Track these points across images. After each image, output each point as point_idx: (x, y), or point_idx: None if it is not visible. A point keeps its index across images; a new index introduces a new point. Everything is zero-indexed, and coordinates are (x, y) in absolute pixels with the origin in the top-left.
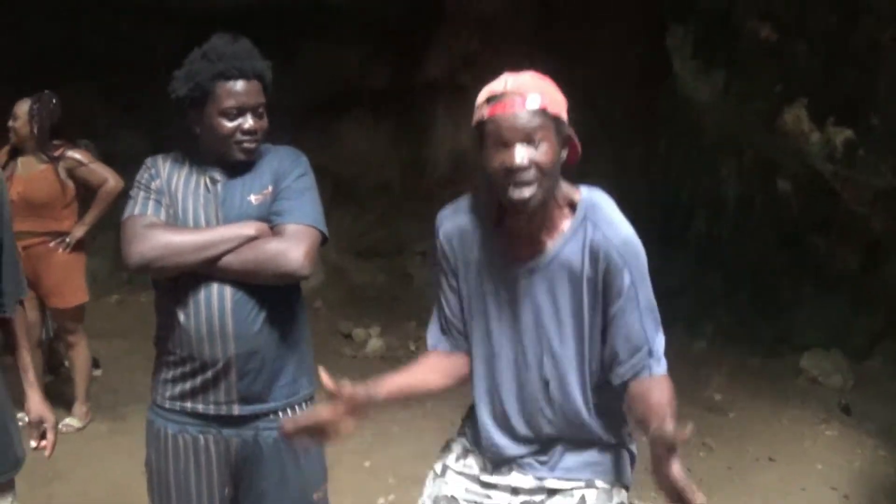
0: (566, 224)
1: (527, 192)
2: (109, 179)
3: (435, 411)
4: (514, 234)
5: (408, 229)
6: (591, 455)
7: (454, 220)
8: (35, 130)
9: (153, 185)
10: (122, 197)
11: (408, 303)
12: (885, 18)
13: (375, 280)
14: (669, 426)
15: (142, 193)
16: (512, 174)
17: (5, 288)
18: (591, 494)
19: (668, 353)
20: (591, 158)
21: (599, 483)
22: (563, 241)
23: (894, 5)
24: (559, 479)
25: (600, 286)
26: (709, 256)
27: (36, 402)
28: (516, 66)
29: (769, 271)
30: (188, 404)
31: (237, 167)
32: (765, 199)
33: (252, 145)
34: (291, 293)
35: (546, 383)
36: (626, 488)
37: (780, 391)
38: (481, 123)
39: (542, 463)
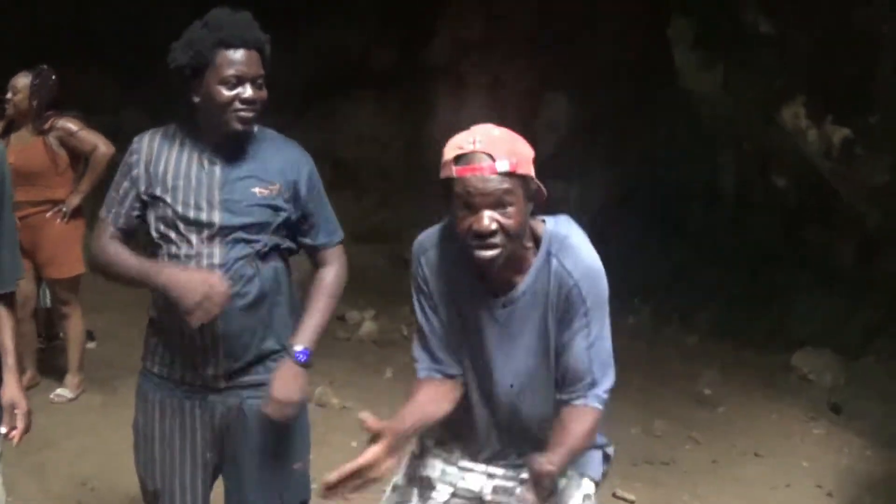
0: (532, 260)
1: (492, 253)
2: (100, 146)
3: None
4: (487, 273)
5: (407, 213)
6: None
7: (435, 252)
8: (34, 105)
9: (132, 174)
10: (115, 164)
11: (403, 287)
12: (886, 12)
13: (373, 263)
14: (544, 466)
15: (117, 190)
16: (479, 239)
17: (4, 264)
18: (561, 481)
19: (662, 344)
20: (591, 148)
21: (569, 472)
22: (532, 278)
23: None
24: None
25: (562, 315)
26: (705, 249)
27: (11, 388)
28: (518, 53)
29: (765, 265)
30: (177, 373)
31: (236, 146)
32: (762, 192)
33: (250, 114)
34: (280, 271)
35: (518, 410)
36: (595, 483)
37: (771, 387)
38: (449, 181)
39: (515, 464)
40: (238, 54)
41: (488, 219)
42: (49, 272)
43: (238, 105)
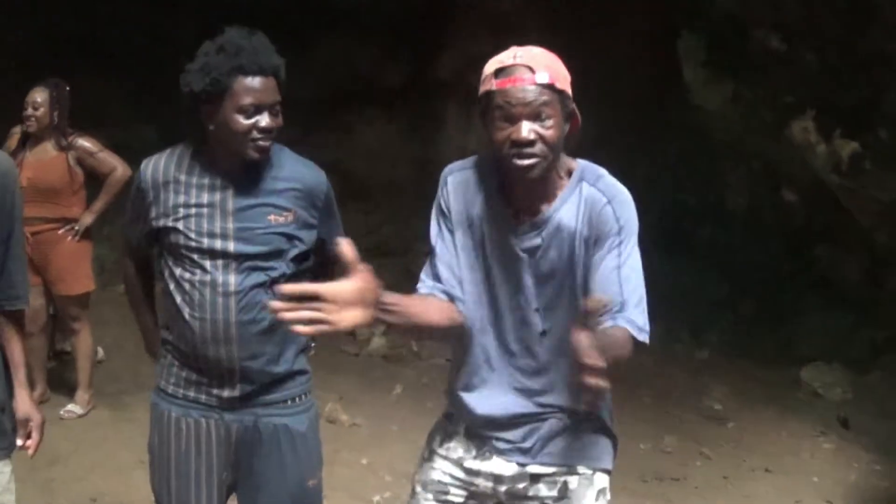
0: (563, 189)
1: (531, 161)
2: (118, 168)
3: (433, 411)
4: (515, 199)
5: (415, 228)
6: (571, 440)
7: (461, 175)
8: (55, 118)
9: (143, 203)
10: (130, 185)
11: None
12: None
13: (381, 278)
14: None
15: (131, 215)
16: (518, 147)
17: (16, 280)
18: (573, 480)
19: (671, 361)
20: (599, 163)
21: (581, 468)
22: (560, 203)
23: None
24: (541, 464)
25: (593, 236)
26: (714, 264)
27: (24, 401)
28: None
29: (774, 281)
30: (191, 393)
31: (249, 171)
32: (771, 208)
33: (267, 143)
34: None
35: (543, 333)
36: (608, 473)
37: (781, 402)
38: (488, 94)
39: (523, 451)
40: (256, 81)
41: (527, 129)
42: (59, 289)
43: (255, 134)
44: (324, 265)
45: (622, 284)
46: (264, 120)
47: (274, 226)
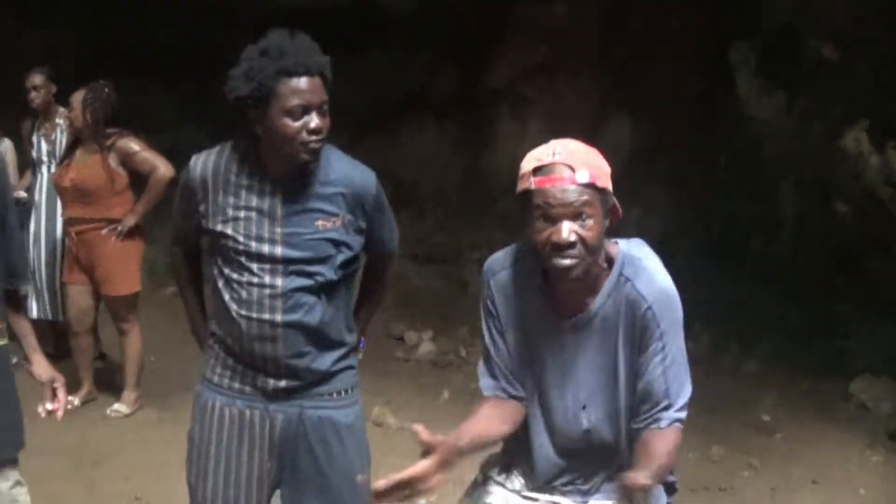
0: (605, 282)
1: (571, 263)
2: (159, 167)
3: None
4: (558, 295)
5: (466, 236)
6: None
7: (504, 275)
8: (88, 119)
9: (191, 203)
10: (174, 185)
11: (462, 308)
12: None
13: (430, 285)
14: (638, 479)
15: (180, 215)
16: (558, 249)
17: (13, 259)
18: None
19: (720, 371)
20: (653, 173)
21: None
22: (603, 299)
23: None
24: (599, 500)
25: (636, 339)
26: (764, 276)
27: (42, 364)
28: (579, 78)
29: (824, 293)
30: (236, 384)
31: (299, 174)
32: (822, 220)
33: (318, 145)
34: (343, 291)
35: (587, 431)
36: (675, 491)
37: (829, 415)
38: (527, 193)
39: (582, 492)
40: (302, 82)
41: (567, 230)
42: (106, 289)
43: (305, 136)
44: (373, 264)
45: (668, 385)
46: (313, 121)
47: (322, 231)
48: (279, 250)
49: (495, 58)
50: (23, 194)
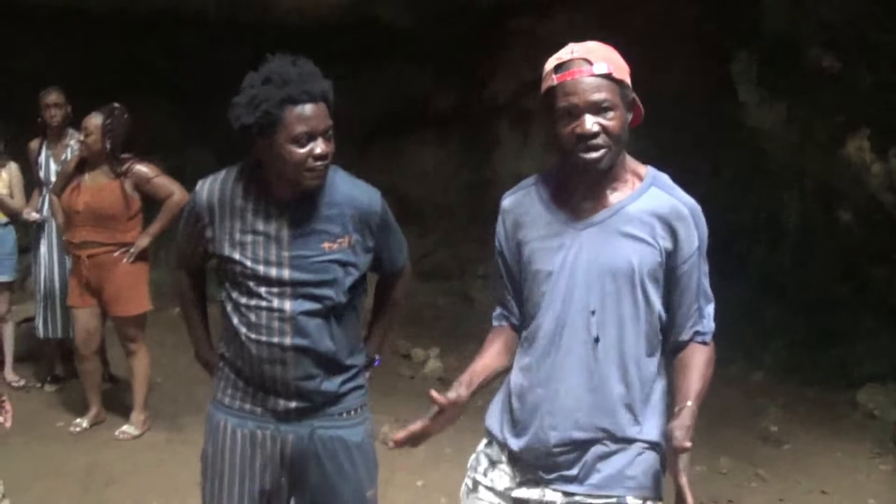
0: (633, 186)
1: (598, 154)
2: (175, 193)
3: None
4: (580, 190)
5: (470, 251)
6: (622, 465)
7: (516, 194)
8: (108, 146)
9: (198, 228)
10: None
11: (468, 325)
12: None
13: (436, 301)
14: (679, 433)
15: (185, 241)
16: (583, 140)
17: None
18: None
19: (726, 382)
20: None
21: (630, 499)
22: (629, 199)
23: None
24: (589, 494)
25: (669, 247)
26: (769, 285)
27: None
28: None
29: (829, 302)
30: (247, 405)
31: (305, 198)
32: (826, 228)
33: (324, 170)
34: (351, 312)
35: (596, 340)
36: (661, 499)
37: (836, 424)
38: (550, 90)
39: (569, 480)
40: (307, 109)
41: (591, 122)
42: (115, 310)
43: (311, 163)
44: (385, 282)
45: (699, 293)
46: (318, 147)
47: (328, 253)
48: (287, 273)
49: (496, 71)
50: (36, 215)
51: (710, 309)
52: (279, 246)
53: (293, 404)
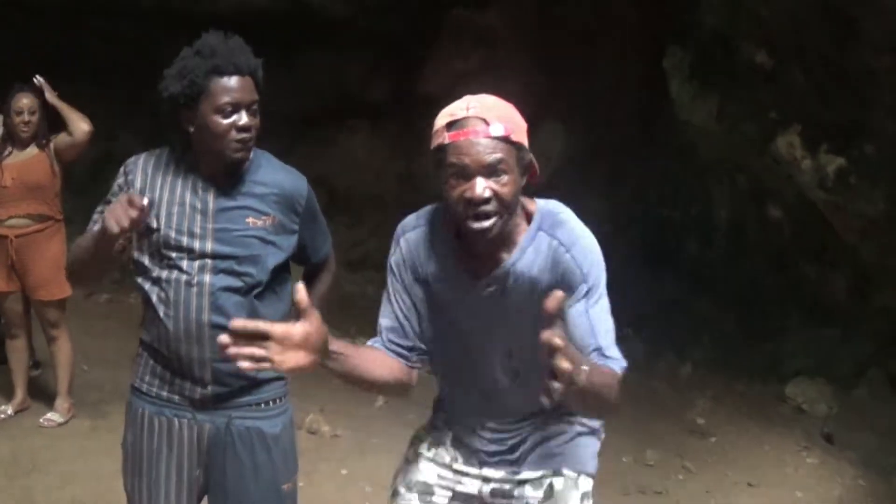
0: (522, 236)
1: (487, 224)
2: (82, 123)
3: (415, 423)
4: (474, 252)
5: None
6: (557, 444)
7: (418, 229)
8: (38, 122)
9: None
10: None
11: None
12: (880, 47)
13: (365, 291)
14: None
15: (101, 211)
16: (472, 206)
17: None
18: (558, 482)
19: (655, 376)
20: (586, 179)
21: (566, 471)
22: (519, 253)
23: (889, 34)
24: (528, 469)
25: (559, 285)
26: (699, 280)
27: None
28: (514, 83)
29: (759, 297)
30: (164, 392)
31: (231, 173)
32: (756, 224)
33: (248, 143)
34: (272, 297)
35: (516, 374)
36: (592, 477)
37: (765, 417)
38: (441, 148)
39: (511, 462)
40: (232, 81)
41: (482, 186)
42: (41, 294)
43: (235, 134)
44: (310, 273)
45: (594, 328)
46: (242, 119)
47: (252, 229)
48: (209, 245)
49: (430, 63)
50: None
51: (614, 351)
52: (204, 218)
53: (210, 391)
